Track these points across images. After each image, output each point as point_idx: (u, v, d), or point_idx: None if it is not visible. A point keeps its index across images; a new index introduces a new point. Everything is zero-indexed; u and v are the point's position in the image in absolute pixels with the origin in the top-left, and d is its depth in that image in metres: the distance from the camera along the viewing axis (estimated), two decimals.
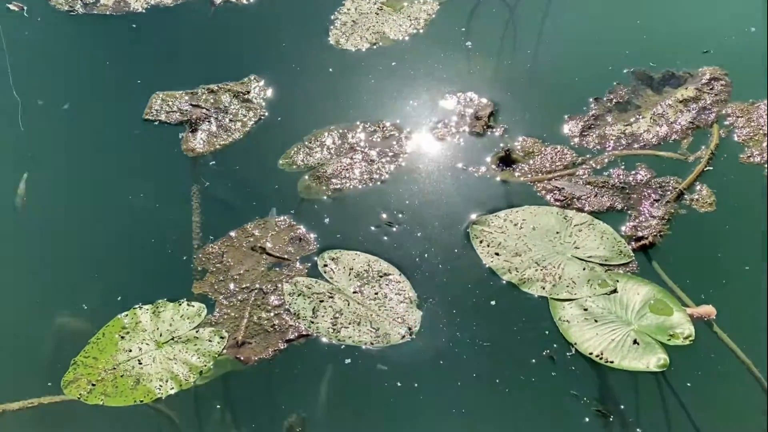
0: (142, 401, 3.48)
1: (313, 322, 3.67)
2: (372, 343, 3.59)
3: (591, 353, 3.44)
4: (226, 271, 3.91)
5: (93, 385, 3.55)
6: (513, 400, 3.44)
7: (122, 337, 3.71)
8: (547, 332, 3.59)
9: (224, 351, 3.63)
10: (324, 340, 3.63)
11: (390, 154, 4.38)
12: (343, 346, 3.61)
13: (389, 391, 3.49)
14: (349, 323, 3.66)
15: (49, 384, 3.55)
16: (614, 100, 4.54)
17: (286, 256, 3.94)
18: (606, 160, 4.23)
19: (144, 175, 4.43)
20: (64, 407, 3.51)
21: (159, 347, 3.68)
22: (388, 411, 3.45)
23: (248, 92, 4.76)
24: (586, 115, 4.48)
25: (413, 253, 3.92)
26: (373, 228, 4.04)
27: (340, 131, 4.52)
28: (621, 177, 4.13)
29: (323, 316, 3.69)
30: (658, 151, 4.26)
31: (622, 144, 4.31)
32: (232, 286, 3.86)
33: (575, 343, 3.49)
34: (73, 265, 4.07)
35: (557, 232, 3.90)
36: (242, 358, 3.59)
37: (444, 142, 4.44)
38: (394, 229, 3.90)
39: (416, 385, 3.49)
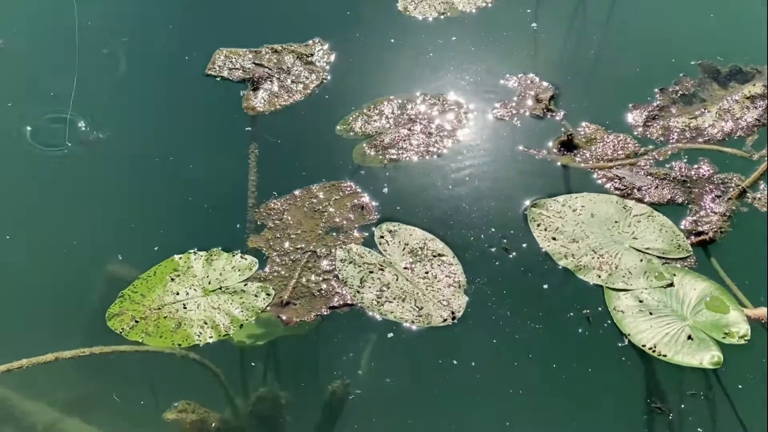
0: (180, 345, 3.50)
1: (359, 292, 3.66)
2: (413, 322, 3.56)
3: (644, 345, 3.41)
4: (284, 229, 3.91)
5: (136, 321, 3.58)
6: (569, 385, 3.40)
7: (172, 279, 3.73)
8: (607, 324, 3.55)
9: (268, 308, 3.63)
10: (368, 313, 3.61)
11: (449, 128, 4.35)
12: (379, 318, 3.59)
13: (446, 369, 3.47)
14: (394, 298, 3.64)
15: (83, 348, 3.55)
16: (680, 92, 4.48)
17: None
18: (669, 152, 4.18)
19: (203, 130, 4.44)
20: (116, 357, 3.52)
21: (206, 294, 3.69)
22: (444, 388, 3.44)
23: (312, 55, 4.73)
24: (651, 105, 4.42)
25: (469, 233, 3.88)
26: (427, 204, 4.02)
27: (400, 101, 4.49)
28: (683, 170, 4.08)
29: (370, 287, 3.68)
30: (722, 146, 4.19)
31: (685, 137, 4.25)
32: (287, 244, 3.86)
33: (629, 334, 3.45)
34: (126, 216, 4.09)
35: (616, 221, 3.86)
36: (284, 318, 3.59)
37: (503, 122, 4.40)
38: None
39: (473, 363, 3.47)
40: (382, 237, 3.86)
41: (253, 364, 3.54)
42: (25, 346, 3.51)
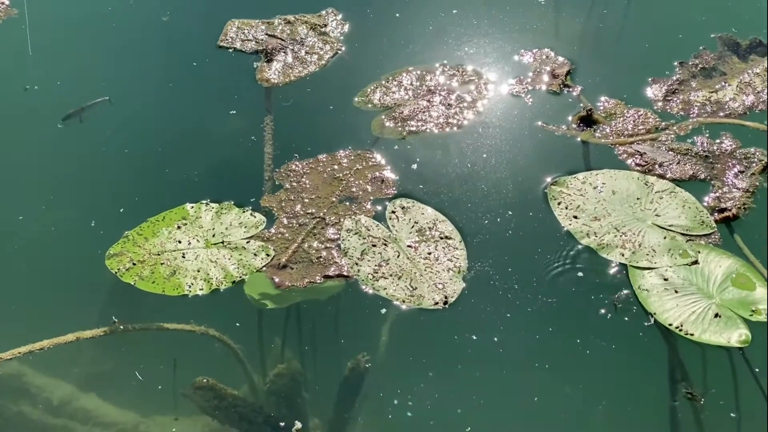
0: (165, 293, 3.52)
1: (357, 264, 3.61)
2: (403, 301, 3.50)
3: (671, 324, 3.37)
4: (300, 192, 3.88)
5: (133, 264, 3.58)
6: (594, 362, 3.37)
7: (179, 227, 3.73)
8: (630, 299, 3.51)
9: (264, 269, 3.60)
10: (362, 287, 3.56)
11: (468, 99, 4.28)
12: (371, 293, 3.55)
13: (466, 343, 3.43)
14: (390, 275, 3.58)
15: (102, 327, 3.52)
16: (699, 65, 4.42)
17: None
18: (690, 127, 4.12)
19: (218, 101, 4.40)
20: (134, 333, 3.50)
21: (207, 247, 3.68)
22: (468, 363, 3.39)
23: (325, 25, 4.65)
24: (670, 78, 4.35)
25: (486, 216, 3.82)
26: (445, 182, 3.97)
27: (419, 72, 4.41)
28: (705, 145, 4.02)
29: (369, 261, 3.62)
30: (744, 120, 4.13)
31: (706, 111, 4.19)
32: (298, 207, 3.82)
33: (654, 313, 3.41)
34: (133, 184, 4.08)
35: (638, 198, 3.81)
36: (276, 281, 3.56)
37: (519, 98, 4.32)
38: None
39: (495, 339, 3.42)
40: (393, 212, 3.81)
41: (278, 339, 3.52)
42: (40, 325, 3.49)
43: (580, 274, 3.59)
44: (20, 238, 3.84)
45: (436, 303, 3.48)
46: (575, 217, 3.75)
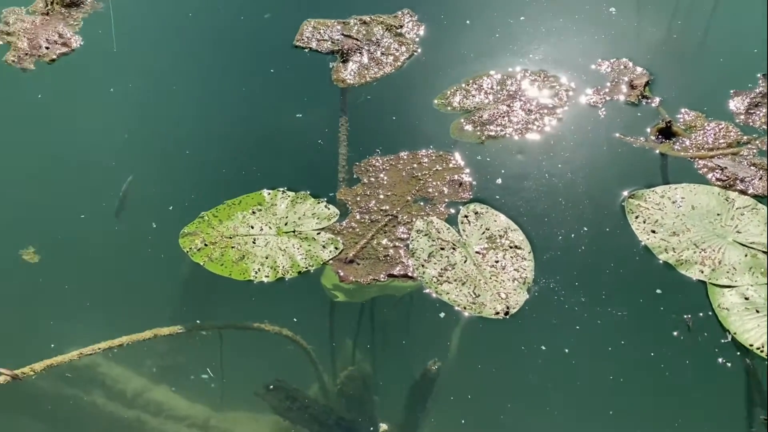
0: (231, 276, 3.54)
1: (423, 266, 3.58)
2: (465, 308, 3.46)
3: (751, 345, 3.30)
4: (376, 188, 3.89)
5: (205, 245, 3.63)
6: (669, 377, 3.31)
7: (253, 213, 3.77)
8: (705, 314, 3.45)
9: (330, 261, 3.61)
10: (425, 289, 3.54)
11: (549, 106, 4.23)
12: (433, 297, 3.52)
13: (535, 354, 3.40)
14: (455, 280, 3.54)
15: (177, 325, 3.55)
16: None
17: None
18: None
19: (294, 100, 4.39)
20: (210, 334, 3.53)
21: (278, 234, 3.71)
22: (539, 374, 3.36)
23: (401, 26, 4.64)
24: (753, 91, 4.26)
25: (559, 231, 3.77)
26: (522, 194, 3.92)
27: (499, 77, 4.38)
28: None
29: (435, 264, 3.59)
30: None
31: None
32: (372, 203, 3.82)
33: (735, 333, 3.34)
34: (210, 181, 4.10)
35: (718, 214, 3.74)
36: (341, 274, 3.56)
37: (597, 109, 4.25)
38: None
39: (566, 351, 3.39)
40: (465, 216, 3.77)
41: (349, 341, 3.53)
42: (116, 320, 3.55)
43: (656, 289, 3.53)
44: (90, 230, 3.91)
45: (497, 313, 3.44)
46: (653, 231, 3.69)
